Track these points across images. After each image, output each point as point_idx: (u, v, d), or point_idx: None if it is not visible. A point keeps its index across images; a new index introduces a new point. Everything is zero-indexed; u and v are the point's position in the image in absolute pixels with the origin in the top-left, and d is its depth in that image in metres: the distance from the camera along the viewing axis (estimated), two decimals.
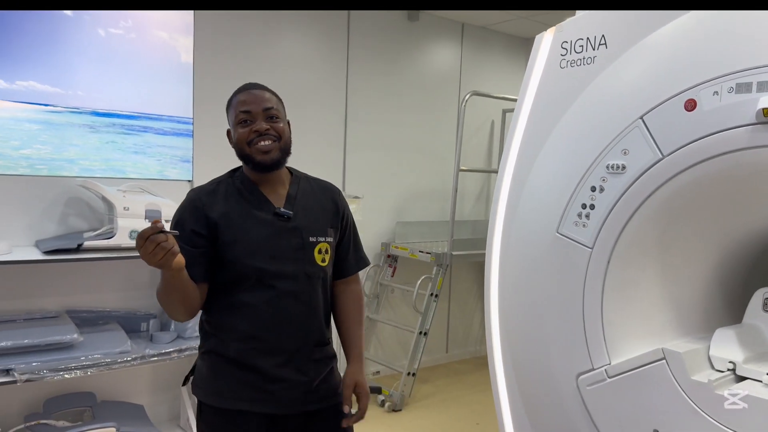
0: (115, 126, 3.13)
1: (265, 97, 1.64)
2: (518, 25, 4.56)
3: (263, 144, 1.59)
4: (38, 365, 2.56)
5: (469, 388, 4.15)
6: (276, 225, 1.63)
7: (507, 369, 2.07)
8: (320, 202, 1.73)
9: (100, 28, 3.03)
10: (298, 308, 1.63)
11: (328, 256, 1.69)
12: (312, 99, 3.86)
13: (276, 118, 1.63)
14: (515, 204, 2.04)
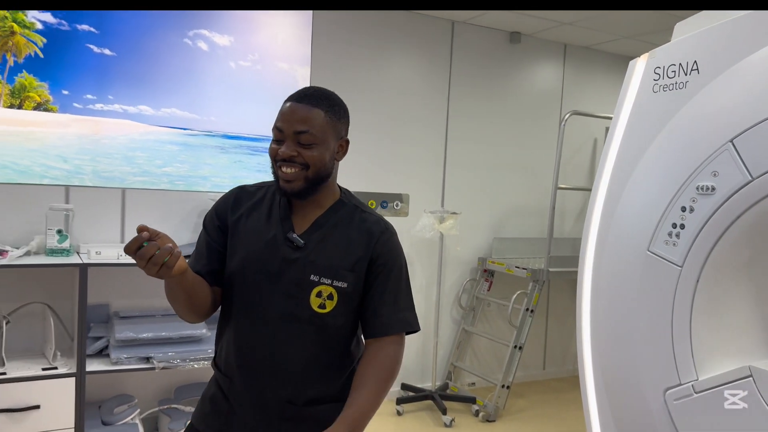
0: (241, 147, 3.52)
1: (304, 117, 1.38)
2: (622, 44, 4.57)
3: (285, 171, 1.38)
4: (173, 355, 2.95)
5: (565, 406, 4.17)
6: (281, 251, 1.42)
7: (597, 383, 2.13)
8: (350, 237, 1.45)
9: (232, 61, 3.45)
10: (278, 354, 1.41)
11: (331, 303, 1.41)
12: (415, 119, 4.09)
13: (309, 145, 1.38)
14: (608, 222, 2.11)
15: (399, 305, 1.48)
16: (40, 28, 3.01)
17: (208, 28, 3.38)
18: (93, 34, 3.11)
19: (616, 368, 2.01)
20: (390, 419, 3.79)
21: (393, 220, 4.05)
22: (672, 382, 1.79)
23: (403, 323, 1.48)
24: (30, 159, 3.02)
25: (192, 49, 3.34)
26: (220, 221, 1.48)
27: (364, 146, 3.93)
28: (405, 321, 1.49)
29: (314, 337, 1.42)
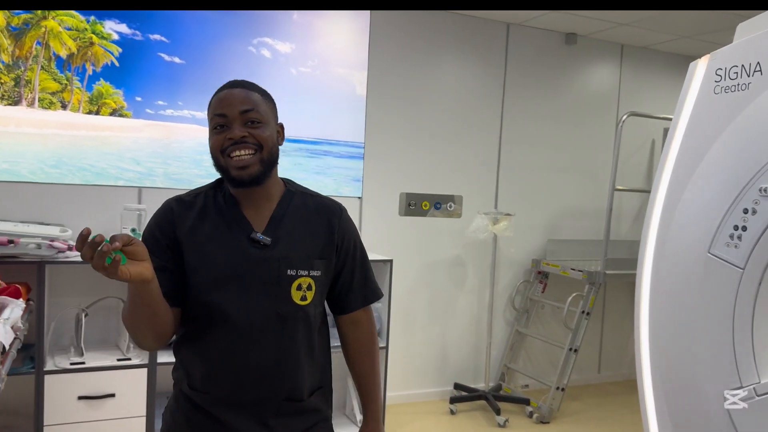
0: (301, 150, 3.65)
1: (247, 98, 1.35)
2: (681, 44, 4.48)
3: (238, 156, 1.32)
4: None
5: (621, 409, 4.13)
6: (248, 253, 1.37)
7: (656, 386, 2.12)
8: (311, 225, 1.44)
9: (293, 67, 3.58)
10: (266, 354, 1.36)
11: (311, 294, 1.40)
12: (469, 121, 4.13)
13: (257, 123, 1.34)
14: (667, 224, 2.11)
15: (367, 278, 1.54)
16: (116, 39, 3.21)
17: (271, 36, 3.52)
18: (164, 43, 3.29)
19: (676, 370, 2.01)
20: (443, 417, 3.84)
21: (446, 221, 4.10)
22: (733, 384, 1.78)
23: (375, 293, 1.55)
24: (106, 162, 3.23)
25: (256, 57, 3.49)
26: (167, 239, 1.37)
27: (418, 148, 4.00)
28: (375, 291, 1.56)
29: (302, 331, 1.40)
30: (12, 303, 2.00)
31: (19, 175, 3.07)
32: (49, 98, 3.13)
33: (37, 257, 2.78)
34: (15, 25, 3.04)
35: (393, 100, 3.90)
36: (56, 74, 3.13)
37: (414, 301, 4.05)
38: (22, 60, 3.07)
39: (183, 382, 1.41)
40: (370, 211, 3.87)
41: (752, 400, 1.74)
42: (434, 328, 4.15)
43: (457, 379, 4.20)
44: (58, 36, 3.12)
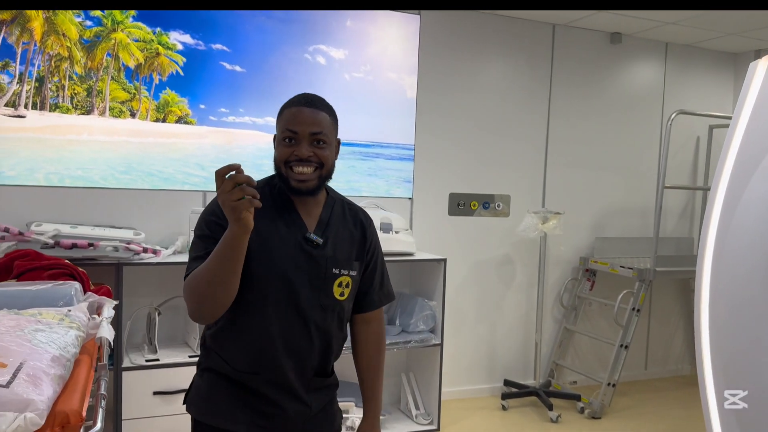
0: (354, 153, 3.76)
1: (316, 120, 1.48)
2: (726, 41, 4.48)
3: (301, 171, 1.47)
4: None
5: (670, 405, 4.15)
6: (303, 250, 1.53)
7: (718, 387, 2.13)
8: (350, 230, 1.62)
9: (346, 73, 3.69)
10: (307, 339, 1.54)
11: (348, 291, 1.59)
12: (516, 121, 4.20)
13: (322, 144, 1.49)
14: (728, 223, 2.14)
15: (384, 282, 1.72)
16: (181, 49, 3.35)
17: (326, 44, 3.63)
18: (225, 52, 3.42)
19: (738, 367, 2.03)
20: (495, 413, 3.92)
21: (494, 220, 4.18)
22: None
23: (389, 296, 1.74)
24: (173, 167, 3.38)
25: (311, 63, 3.61)
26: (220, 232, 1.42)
27: (466, 149, 4.08)
28: (389, 294, 1.74)
29: (336, 321, 1.58)
30: (108, 302, 2.14)
31: (91, 181, 3.23)
32: (118, 107, 3.28)
33: (114, 259, 2.93)
34: (87, 38, 3.20)
35: (442, 103, 3.98)
36: (125, 84, 3.29)
37: (464, 300, 4.13)
38: (94, 71, 3.23)
39: (224, 366, 1.54)
40: (420, 212, 3.97)
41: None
42: (483, 326, 4.23)
43: (506, 376, 4.27)
44: (126, 47, 3.27)
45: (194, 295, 1.41)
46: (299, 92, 3.95)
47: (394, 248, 3.47)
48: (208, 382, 1.56)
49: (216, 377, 1.54)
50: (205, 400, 1.56)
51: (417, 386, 3.75)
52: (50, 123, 3.15)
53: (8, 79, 3.06)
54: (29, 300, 1.85)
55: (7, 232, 2.80)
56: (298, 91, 3.79)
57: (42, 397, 1.34)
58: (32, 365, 1.41)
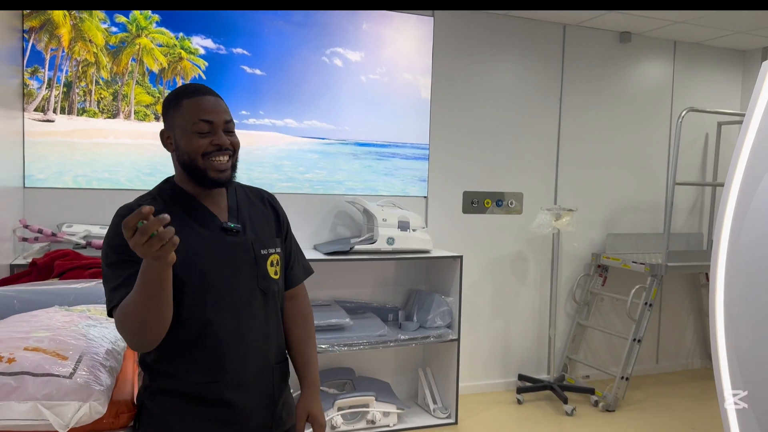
0: (371, 153, 3.84)
1: (225, 108, 1.49)
2: (734, 39, 4.55)
3: (221, 161, 1.45)
4: (322, 341, 3.29)
5: (682, 398, 4.23)
6: (224, 241, 1.50)
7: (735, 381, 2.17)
8: (262, 211, 1.62)
9: (362, 75, 3.77)
10: (259, 328, 1.52)
11: (279, 268, 1.58)
12: (528, 120, 4.27)
13: (232, 133, 1.49)
14: (741, 218, 2.19)
15: (301, 255, 1.73)
16: (203, 53, 3.44)
17: (342, 46, 3.72)
18: (246, 56, 3.51)
19: (757, 363, 2.07)
20: (511, 407, 4.00)
21: (507, 217, 4.25)
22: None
23: (308, 270, 1.75)
24: None
25: (329, 66, 3.69)
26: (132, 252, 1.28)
27: (479, 147, 4.15)
28: (308, 268, 1.75)
29: (277, 302, 1.58)
30: None
31: (117, 183, 3.32)
32: (143, 110, 3.37)
33: None
34: (112, 43, 3.29)
35: (455, 102, 4.06)
36: (149, 88, 3.38)
37: (478, 296, 4.21)
38: (119, 76, 3.32)
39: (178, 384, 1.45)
40: (435, 210, 4.05)
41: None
42: (498, 322, 4.31)
43: (521, 370, 4.35)
44: (150, 52, 3.37)
45: (129, 331, 1.34)
46: (317, 93, 3.99)
47: (411, 246, 3.56)
48: (162, 405, 1.47)
49: (170, 398, 1.46)
50: (162, 424, 1.47)
51: (434, 381, 3.84)
52: (78, 127, 3.25)
53: (37, 84, 3.15)
54: (75, 297, 1.94)
55: (41, 233, 2.90)
56: (316, 93, 3.89)
57: (102, 387, 1.43)
58: (90, 358, 1.50)
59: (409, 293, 3.93)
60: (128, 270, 1.35)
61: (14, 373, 1.35)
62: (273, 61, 3.58)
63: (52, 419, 1.32)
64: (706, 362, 4.89)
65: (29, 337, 1.51)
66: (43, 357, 1.42)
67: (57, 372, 1.39)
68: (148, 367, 1.49)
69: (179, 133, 1.46)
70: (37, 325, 1.61)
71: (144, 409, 1.50)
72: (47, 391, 1.35)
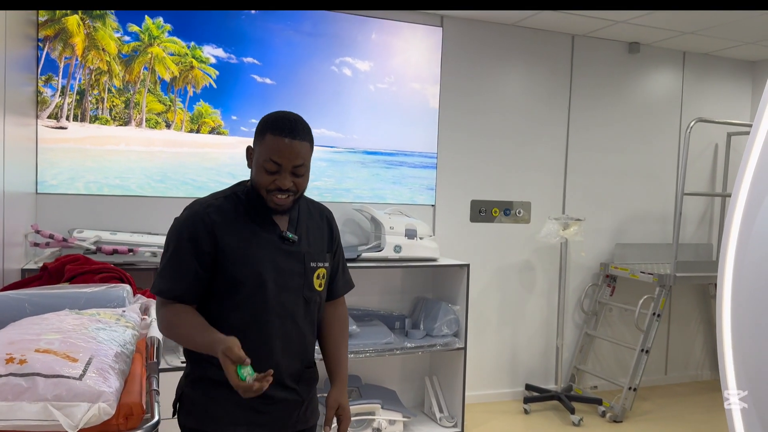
0: (379, 162, 3.87)
1: (300, 153, 1.55)
2: (743, 50, 4.55)
3: (279, 198, 1.55)
4: None
5: (691, 409, 4.20)
6: (281, 249, 1.62)
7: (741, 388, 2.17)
8: (319, 225, 1.72)
9: (371, 84, 3.80)
10: (296, 332, 1.64)
11: (324, 282, 1.70)
12: (536, 130, 4.29)
13: (301, 175, 1.57)
14: (749, 228, 2.19)
15: (345, 270, 1.84)
16: (214, 62, 3.49)
17: (352, 56, 3.75)
18: (256, 65, 3.55)
19: (762, 371, 2.08)
20: (518, 417, 3.98)
21: (515, 226, 4.26)
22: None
23: (350, 284, 1.86)
24: (206, 176, 3.50)
25: (338, 75, 3.73)
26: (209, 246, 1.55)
27: (487, 156, 4.17)
28: (350, 282, 1.86)
29: (316, 311, 1.69)
30: (153, 304, 2.25)
31: (128, 189, 3.36)
32: (155, 118, 3.42)
33: (152, 264, 3.05)
34: (125, 52, 3.35)
35: (463, 112, 4.08)
36: (161, 96, 3.43)
37: (486, 305, 4.21)
38: (131, 84, 3.37)
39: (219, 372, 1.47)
40: (443, 218, 4.06)
41: None
42: (505, 331, 4.30)
43: (528, 380, 4.34)
44: (162, 61, 3.41)
45: (167, 334, 1.60)
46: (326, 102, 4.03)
47: (418, 254, 3.57)
48: (203, 392, 1.60)
49: (211, 385, 1.58)
50: (204, 409, 1.61)
51: (441, 389, 3.83)
52: (90, 134, 3.29)
53: (51, 92, 3.21)
54: (85, 301, 1.96)
55: (52, 238, 2.93)
56: (325, 102, 3.92)
57: (111, 389, 1.45)
58: (100, 360, 1.52)
59: (416, 301, 3.94)
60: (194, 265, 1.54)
61: (25, 374, 1.37)
62: (283, 70, 3.62)
63: (62, 420, 1.34)
64: (716, 374, 4.85)
65: (40, 339, 1.53)
66: (53, 358, 1.44)
67: (67, 373, 1.41)
68: (191, 355, 1.63)
69: (255, 159, 1.58)
70: (48, 328, 1.63)
71: (184, 396, 1.64)
72: (57, 392, 1.36)
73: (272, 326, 1.60)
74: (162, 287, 1.58)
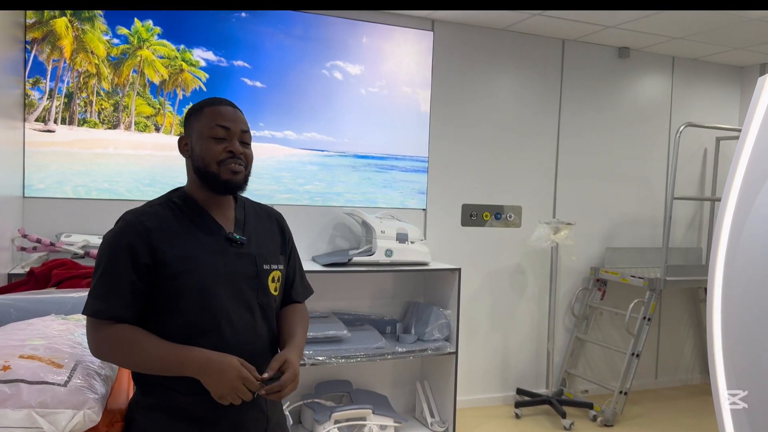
0: (370, 165, 3.86)
1: (243, 119, 1.54)
2: (730, 55, 4.58)
3: (235, 166, 1.47)
4: (320, 352, 3.28)
5: (681, 412, 4.21)
6: (229, 252, 1.50)
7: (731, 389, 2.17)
8: (268, 227, 1.64)
9: (362, 88, 3.80)
10: (255, 342, 1.51)
11: (279, 285, 1.59)
12: (527, 134, 4.29)
13: (248, 145, 1.53)
14: (739, 231, 2.20)
15: (303, 275, 1.74)
16: (204, 65, 3.47)
17: (343, 60, 3.74)
18: (247, 69, 3.54)
19: (752, 374, 2.08)
20: (509, 421, 3.98)
21: (506, 230, 4.26)
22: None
23: (308, 289, 1.76)
24: None
25: (329, 79, 3.72)
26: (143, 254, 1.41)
27: (478, 160, 4.17)
28: (309, 288, 1.76)
29: (272, 317, 1.58)
30: None
31: (117, 193, 3.33)
32: (144, 122, 3.39)
33: None
34: (114, 55, 3.32)
35: (454, 116, 4.08)
36: (150, 99, 3.40)
37: (477, 309, 4.21)
38: (120, 87, 3.35)
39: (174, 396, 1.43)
40: (434, 222, 4.05)
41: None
42: (496, 335, 4.29)
43: (519, 384, 4.33)
44: (151, 64, 3.39)
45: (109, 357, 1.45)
46: (317, 106, 4.01)
47: (409, 258, 3.56)
48: (157, 422, 1.44)
49: (164, 413, 1.44)
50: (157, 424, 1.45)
51: (432, 394, 3.82)
52: (78, 137, 3.26)
53: (39, 95, 3.18)
54: (71, 306, 1.94)
55: (39, 242, 2.90)
56: (315, 105, 3.91)
57: (97, 396, 1.43)
58: (85, 366, 1.50)
59: (407, 305, 3.93)
60: (132, 279, 1.40)
61: (9, 380, 1.35)
62: (273, 74, 3.60)
63: (47, 427, 1.32)
64: (706, 377, 4.87)
65: (25, 344, 1.51)
66: (38, 365, 1.42)
67: (52, 380, 1.39)
68: (140, 380, 1.47)
69: (196, 138, 1.49)
70: (33, 333, 1.61)
71: (134, 423, 1.47)
72: (42, 398, 1.34)
73: (225, 337, 1.44)
74: (96, 308, 1.40)
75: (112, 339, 1.40)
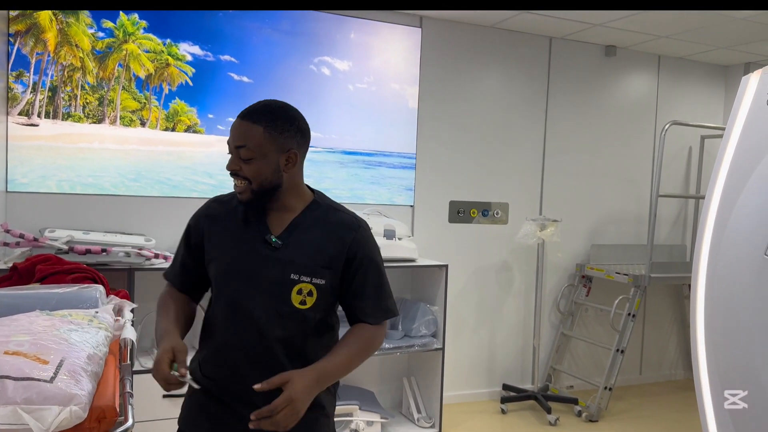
0: (358, 162, 3.85)
1: (243, 133, 1.45)
2: (715, 54, 4.63)
3: (235, 183, 1.49)
4: None
5: (665, 408, 4.26)
6: (260, 252, 1.50)
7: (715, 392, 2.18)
8: (324, 238, 1.52)
9: (350, 84, 3.79)
10: (266, 349, 1.48)
11: (311, 300, 1.48)
12: (514, 131, 4.31)
13: (248, 160, 1.44)
14: (722, 228, 2.23)
15: (380, 296, 1.56)
16: (190, 60, 3.44)
17: (330, 55, 3.73)
18: (233, 63, 3.52)
19: (734, 369, 2.11)
20: (495, 416, 4.00)
21: (493, 227, 4.28)
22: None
23: (386, 311, 1.58)
24: (182, 175, 3.45)
25: (316, 75, 3.71)
26: (197, 234, 1.59)
27: (466, 157, 4.18)
28: (387, 309, 1.58)
29: (297, 330, 1.49)
30: (127, 305, 2.21)
31: (102, 188, 3.30)
32: (129, 116, 3.36)
33: (126, 264, 3.00)
34: (99, 48, 3.28)
35: (442, 113, 4.09)
36: (136, 94, 3.37)
37: (463, 305, 4.22)
38: (105, 81, 3.31)
39: (197, 370, 1.57)
40: (421, 219, 4.06)
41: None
42: (483, 331, 4.31)
43: (505, 380, 4.36)
44: (137, 58, 3.36)
45: None
46: (304, 102, 4.01)
47: (396, 254, 3.56)
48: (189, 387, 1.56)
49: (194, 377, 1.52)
50: (184, 406, 1.65)
51: (419, 390, 3.83)
52: (62, 131, 3.22)
53: (22, 88, 3.13)
54: (56, 302, 1.91)
55: (22, 238, 2.86)
56: (303, 101, 3.91)
57: (83, 392, 1.41)
58: (71, 362, 1.48)
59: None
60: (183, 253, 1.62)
61: None
62: (261, 69, 3.58)
63: (33, 424, 1.30)
64: (689, 373, 4.92)
65: (9, 341, 1.49)
66: (23, 361, 1.40)
67: (37, 376, 1.37)
68: None
69: None
70: (17, 329, 1.59)
71: None
72: (27, 395, 1.32)
73: (239, 337, 1.50)
74: (167, 269, 1.68)
75: (161, 296, 1.63)
